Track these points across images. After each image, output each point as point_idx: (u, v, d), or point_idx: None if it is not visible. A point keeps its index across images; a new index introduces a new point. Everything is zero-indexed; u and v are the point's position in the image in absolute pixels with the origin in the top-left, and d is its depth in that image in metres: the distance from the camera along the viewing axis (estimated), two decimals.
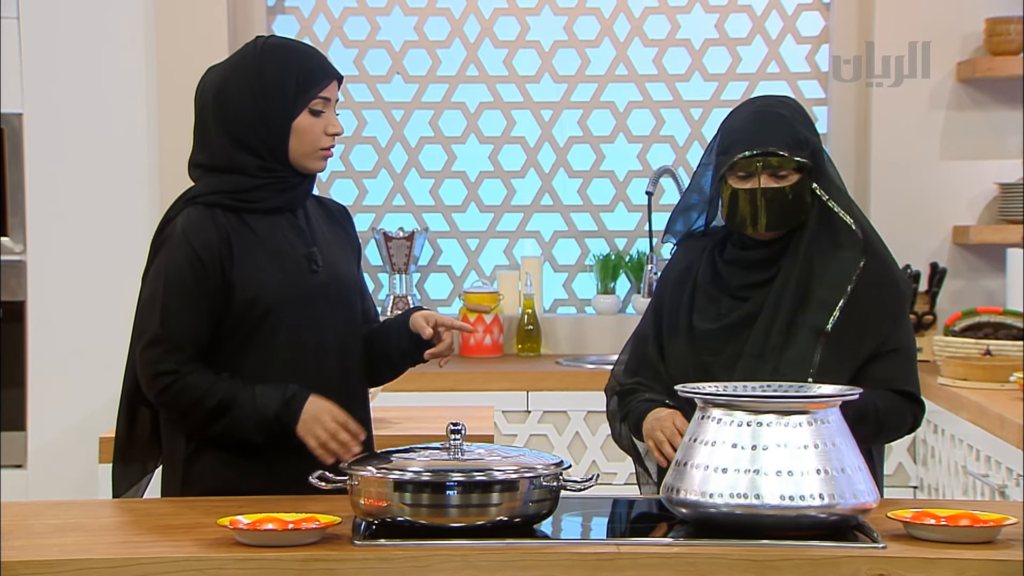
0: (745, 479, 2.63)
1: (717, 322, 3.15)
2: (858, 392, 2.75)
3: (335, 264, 3.17)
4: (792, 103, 3.18)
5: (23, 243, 5.51)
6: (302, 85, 3.09)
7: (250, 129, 3.08)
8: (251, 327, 3.08)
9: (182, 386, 3.03)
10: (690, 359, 3.15)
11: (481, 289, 5.71)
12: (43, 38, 5.47)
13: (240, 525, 2.65)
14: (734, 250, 3.18)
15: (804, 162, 3.08)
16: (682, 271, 3.24)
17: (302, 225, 3.15)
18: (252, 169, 3.10)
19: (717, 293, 3.18)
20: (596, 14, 5.84)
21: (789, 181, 3.08)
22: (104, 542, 2.69)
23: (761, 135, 3.09)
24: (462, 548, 2.59)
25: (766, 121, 3.11)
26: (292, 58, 3.11)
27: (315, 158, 3.12)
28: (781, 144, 3.08)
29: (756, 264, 3.16)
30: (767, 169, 3.08)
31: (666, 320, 3.23)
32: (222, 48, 5.52)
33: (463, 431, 2.79)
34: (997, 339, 4.98)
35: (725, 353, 3.12)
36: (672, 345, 3.20)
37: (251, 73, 3.09)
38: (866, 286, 3.10)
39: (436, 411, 4.11)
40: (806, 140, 3.10)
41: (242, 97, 3.09)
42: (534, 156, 5.87)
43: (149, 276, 3.11)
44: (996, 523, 2.64)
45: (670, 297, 3.24)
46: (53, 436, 5.49)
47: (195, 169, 3.17)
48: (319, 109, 3.10)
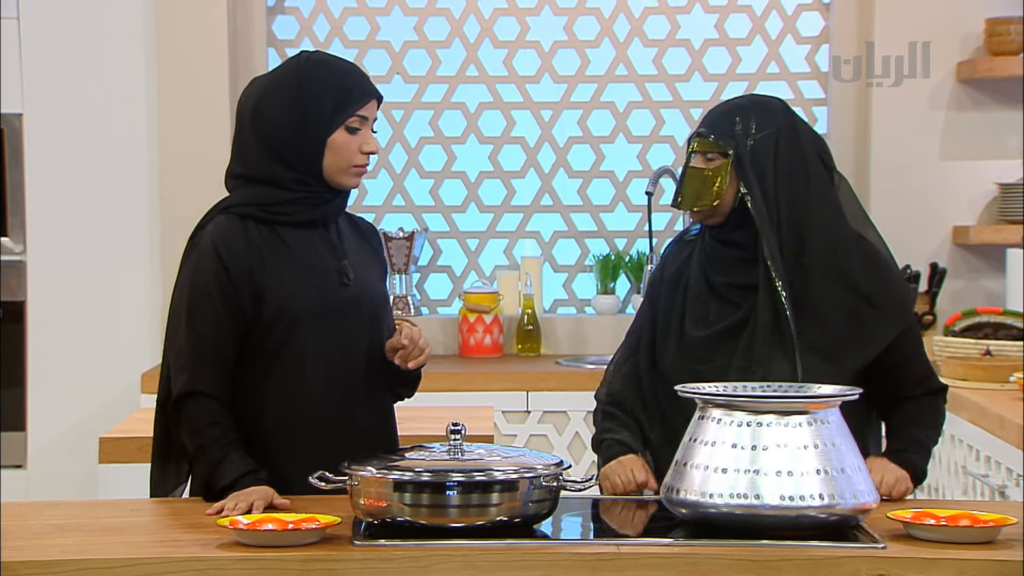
0: (745, 479, 2.63)
1: (707, 329, 3.17)
2: (858, 392, 2.75)
3: (365, 279, 3.18)
4: (761, 99, 3.25)
5: (23, 243, 5.51)
6: (340, 102, 3.10)
7: (286, 143, 3.09)
8: (280, 338, 3.08)
9: (186, 413, 3.04)
10: (683, 367, 3.17)
11: (481, 289, 5.71)
12: (43, 38, 5.47)
13: (240, 525, 2.65)
14: (712, 244, 3.21)
15: (722, 146, 3.15)
16: (675, 272, 3.27)
17: (334, 240, 3.16)
18: (287, 182, 3.11)
19: (706, 294, 3.19)
20: (596, 14, 5.84)
21: (713, 164, 3.16)
22: (104, 542, 2.68)
23: (705, 119, 3.22)
24: (462, 548, 2.59)
25: (716, 109, 3.24)
26: (332, 75, 3.12)
27: (349, 174, 3.13)
28: (710, 129, 3.18)
29: (736, 264, 3.18)
30: (700, 150, 3.19)
31: (660, 322, 3.25)
32: (222, 49, 5.53)
33: (463, 431, 2.79)
34: (997, 339, 4.98)
35: (716, 362, 3.14)
36: (666, 350, 3.22)
37: (290, 88, 3.11)
38: (859, 298, 3.13)
39: (436, 411, 4.11)
40: (742, 132, 3.14)
41: (280, 111, 3.10)
42: (534, 156, 5.87)
43: (177, 284, 3.12)
44: (996, 523, 2.65)
45: (665, 299, 3.26)
46: (53, 436, 5.50)
47: (232, 180, 3.18)
48: (355, 127, 3.11)
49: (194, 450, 3.04)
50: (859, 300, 3.13)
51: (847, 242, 3.15)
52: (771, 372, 3.06)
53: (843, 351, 3.11)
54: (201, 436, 3.02)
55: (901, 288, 3.21)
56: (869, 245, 3.18)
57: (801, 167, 3.17)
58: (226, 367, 3.06)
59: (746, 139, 3.15)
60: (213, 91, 5.53)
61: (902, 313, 3.18)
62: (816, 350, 3.10)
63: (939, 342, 5.01)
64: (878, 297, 3.14)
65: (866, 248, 3.17)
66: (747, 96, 3.30)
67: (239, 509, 2.84)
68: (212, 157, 5.44)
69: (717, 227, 3.19)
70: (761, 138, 3.16)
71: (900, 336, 3.15)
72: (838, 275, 3.13)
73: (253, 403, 3.08)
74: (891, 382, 3.14)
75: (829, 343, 3.11)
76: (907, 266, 5.49)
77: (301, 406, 3.09)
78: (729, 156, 3.15)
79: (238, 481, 2.95)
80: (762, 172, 3.14)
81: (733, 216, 3.16)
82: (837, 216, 3.17)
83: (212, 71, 5.53)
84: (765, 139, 3.16)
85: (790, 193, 3.15)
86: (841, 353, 3.11)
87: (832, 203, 3.17)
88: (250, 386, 3.08)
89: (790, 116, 3.22)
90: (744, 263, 3.17)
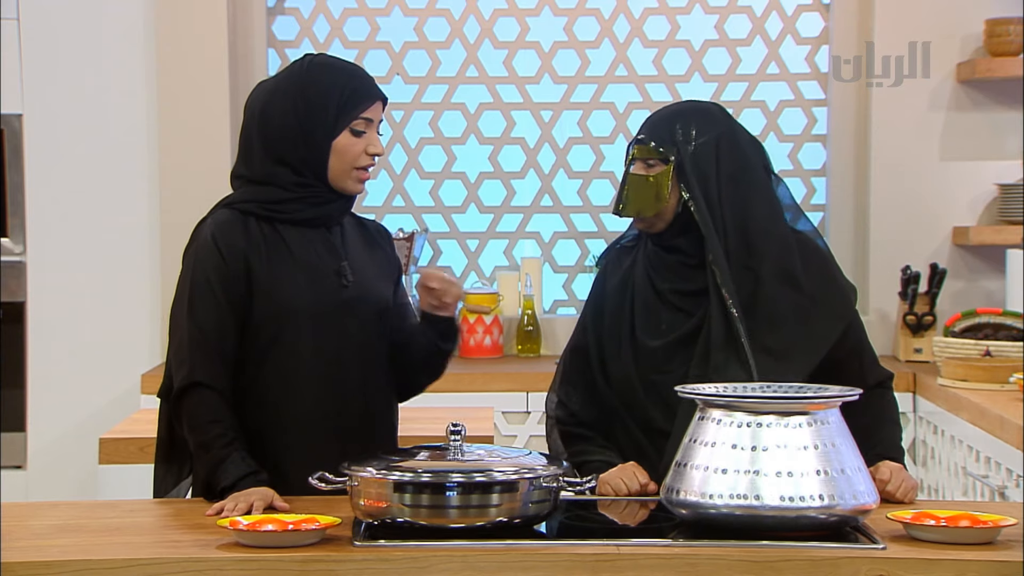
0: (745, 480, 2.63)
1: (661, 339, 3.18)
2: (858, 392, 2.75)
3: (367, 282, 3.17)
4: (700, 105, 3.26)
5: (23, 244, 5.51)
6: (345, 105, 3.11)
7: (291, 145, 3.10)
8: (273, 335, 3.08)
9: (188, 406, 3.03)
10: (636, 377, 3.17)
11: (481, 290, 5.71)
12: (43, 39, 5.47)
13: (240, 526, 2.65)
14: (655, 250, 3.22)
15: (663, 152, 3.15)
16: (619, 281, 3.27)
17: (335, 241, 3.16)
18: (288, 184, 3.11)
19: (655, 302, 3.20)
20: (596, 15, 5.84)
21: (654, 171, 3.16)
22: (104, 543, 2.68)
23: (644, 126, 3.22)
24: (462, 549, 2.59)
25: (654, 115, 3.24)
26: (337, 77, 3.13)
27: (353, 179, 3.14)
28: (649, 135, 3.18)
29: (680, 269, 3.18)
30: (640, 156, 3.19)
31: (607, 332, 3.25)
32: (222, 49, 5.52)
33: (463, 432, 2.79)
34: (997, 340, 4.98)
35: (672, 371, 3.14)
36: (616, 362, 3.22)
37: (295, 90, 3.12)
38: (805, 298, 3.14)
39: (436, 412, 4.11)
40: (683, 138, 3.15)
41: (285, 114, 3.11)
42: (534, 157, 5.87)
43: (179, 279, 3.12)
44: (996, 524, 2.65)
45: (611, 309, 3.26)
46: (53, 437, 5.50)
47: (235, 180, 3.19)
48: (361, 129, 3.13)
49: (195, 447, 3.04)
50: (804, 299, 3.15)
51: (788, 243, 3.17)
52: (727, 379, 3.06)
53: (794, 351, 3.12)
54: (202, 434, 3.02)
55: (841, 283, 3.23)
56: (806, 241, 3.20)
57: (742, 171, 3.19)
58: (227, 360, 3.06)
59: (687, 145, 3.17)
60: (213, 91, 5.53)
61: (845, 307, 3.20)
62: (769, 352, 3.11)
63: (939, 343, 5.01)
64: (821, 294, 3.17)
65: (804, 245, 3.19)
66: (686, 102, 3.31)
67: (239, 510, 2.84)
68: (212, 157, 5.46)
69: (659, 234, 3.20)
70: (702, 143, 3.17)
71: (846, 330, 3.18)
72: (784, 276, 3.15)
73: (246, 400, 3.08)
74: (842, 377, 3.13)
75: (781, 344, 3.12)
76: (907, 266, 5.49)
77: (294, 405, 3.09)
78: (670, 162, 3.16)
79: (239, 482, 2.95)
80: (704, 177, 3.16)
81: (676, 222, 3.17)
82: (778, 218, 3.19)
83: (212, 71, 5.53)
84: (705, 144, 3.17)
85: (732, 197, 3.16)
86: (793, 353, 3.12)
87: (774, 206, 3.19)
88: (244, 383, 3.08)
89: (729, 121, 3.23)
90: (689, 268, 3.18)
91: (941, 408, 4.75)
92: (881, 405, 3.22)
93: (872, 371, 3.24)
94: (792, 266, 3.16)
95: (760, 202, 3.18)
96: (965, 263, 5.64)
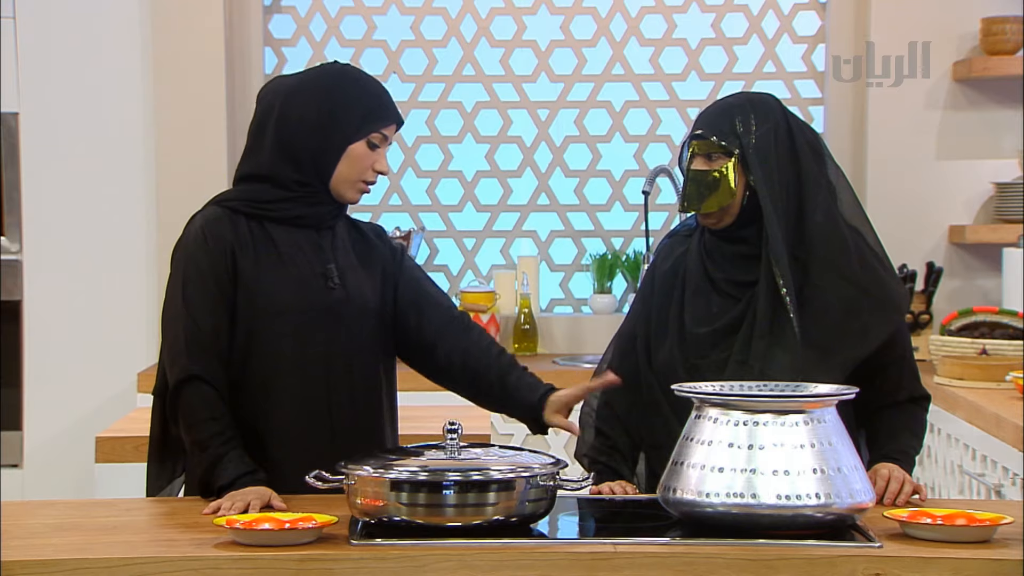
0: (741, 478, 2.63)
1: (709, 325, 3.16)
2: (854, 391, 2.75)
3: (356, 285, 3.16)
4: (755, 96, 3.23)
5: (19, 242, 5.51)
6: (370, 114, 3.12)
7: (304, 142, 3.10)
8: (258, 332, 3.08)
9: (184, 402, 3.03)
10: (679, 360, 3.16)
11: (478, 289, 5.71)
12: (39, 37, 5.47)
13: (236, 525, 2.65)
14: (713, 239, 3.21)
15: (725, 146, 3.13)
16: (670, 269, 3.26)
17: (324, 244, 3.16)
18: (288, 181, 3.11)
19: (707, 288, 3.19)
20: (592, 14, 5.85)
21: (717, 165, 3.14)
22: (100, 542, 2.68)
23: (700, 121, 3.19)
24: (458, 548, 2.59)
25: (710, 109, 3.21)
26: (367, 87, 3.15)
27: (354, 189, 3.14)
28: (709, 129, 3.16)
29: (738, 260, 3.17)
30: (701, 152, 3.16)
31: (655, 318, 3.24)
32: (218, 47, 5.52)
33: (460, 430, 2.79)
34: (993, 338, 4.98)
35: (714, 356, 3.14)
36: (660, 347, 3.21)
37: (323, 89, 3.12)
38: (856, 292, 3.12)
39: (433, 411, 4.10)
40: (743, 129, 3.14)
41: (306, 110, 3.11)
42: (531, 156, 5.87)
43: (171, 274, 3.12)
44: (992, 522, 2.65)
45: (660, 295, 3.25)
46: (49, 436, 5.50)
47: (239, 180, 3.19)
48: (376, 143, 3.14)
49: (191, 444, 3.04)
50: (856, 294, 3.13)
51: (844, 238, 3.15)
52: (769, 366, 3.06)
53: (840, 346, 3.11)
54: (199, 431, 3.01)
55: (897, 286, 3.21)
56: (865, 243, 3.18)
57: (798, 160, 3.17)
58: (223, 356, 3.06)
59: (748, 136, 3.15)
60: (210, 90, 5.53)
61: (898, 311, 3.18)
62: (814, 346, 3.09)
63: (935, 341, 5.01)
64: (875, 292, 3.14)
65: (862, 245, 3.17)
66: (740, 94, 3.28)
67: (235, 508, 2.84)
68: (208, 156, 5.46)
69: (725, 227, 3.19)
70: (762, 134, 3.15)
71: (895, 334, 3.16)
72: (836, 269, 3.13)
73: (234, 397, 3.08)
74: (881, 383, 3.13)
75: (826, 338, 3.10)
76: (903, 265, 5.49)
77: (277, 404, 3.08)
78: (734, 155, 3.15)
79: (236, 481, 2.95)
80: (768, 167, 3.14)
81: (741, 214, 3.16)
82: (832, 208, 3.17)
83: (208, 70, 5.53)
84: (766, 134, 3.16)
85: (789, 186, 3.15)
86: (838, 348, 3.10)
87: (826, 194, 3.18)
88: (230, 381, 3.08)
89: (784, 110, 3.22)
90: (746, 259, 3.16)
91: (937, 407, 4.75)
92: (909, 417, 3.18)
93: (911, 384, 3.20)
94: (846, 259, 3.14)
95: (813, 190, 3.17)
96: (962, 262, 5.65)
